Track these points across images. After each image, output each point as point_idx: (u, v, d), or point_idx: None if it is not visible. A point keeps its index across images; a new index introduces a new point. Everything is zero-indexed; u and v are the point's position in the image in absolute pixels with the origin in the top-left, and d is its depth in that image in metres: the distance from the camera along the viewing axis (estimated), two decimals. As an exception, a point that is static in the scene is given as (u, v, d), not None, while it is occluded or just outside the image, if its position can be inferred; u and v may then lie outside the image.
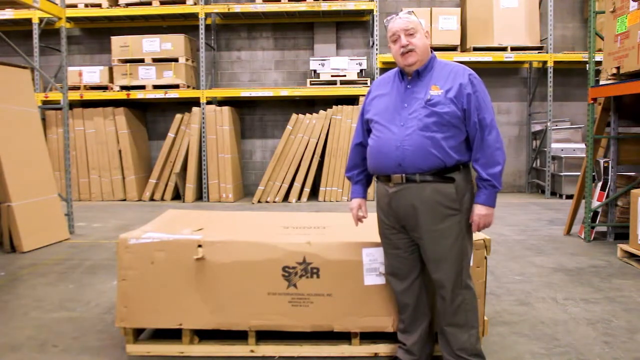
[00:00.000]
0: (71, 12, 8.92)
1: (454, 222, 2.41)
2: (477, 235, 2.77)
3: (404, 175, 2.41)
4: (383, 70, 9.08)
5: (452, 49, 9.00)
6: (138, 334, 2.93)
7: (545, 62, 9.07)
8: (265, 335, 2.88)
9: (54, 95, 8.82)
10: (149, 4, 9.18)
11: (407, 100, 2.44)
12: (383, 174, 2.49)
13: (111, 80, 9.34)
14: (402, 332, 2.69)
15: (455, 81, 2.40)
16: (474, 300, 2.51)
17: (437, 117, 2.35)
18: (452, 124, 2.37)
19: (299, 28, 9.94)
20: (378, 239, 2.81)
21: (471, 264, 2.64)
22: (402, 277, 2.58)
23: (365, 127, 2.63)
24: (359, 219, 2.74)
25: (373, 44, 9.20)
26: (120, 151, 9.19)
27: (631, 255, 4.85)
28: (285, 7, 9.05)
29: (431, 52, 2.51)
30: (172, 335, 2.91)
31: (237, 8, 9.08)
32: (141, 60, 9.14)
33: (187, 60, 9.20)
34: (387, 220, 2.54)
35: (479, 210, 2.42)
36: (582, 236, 5.73)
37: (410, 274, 2.57)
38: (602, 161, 5.63)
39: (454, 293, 2.44)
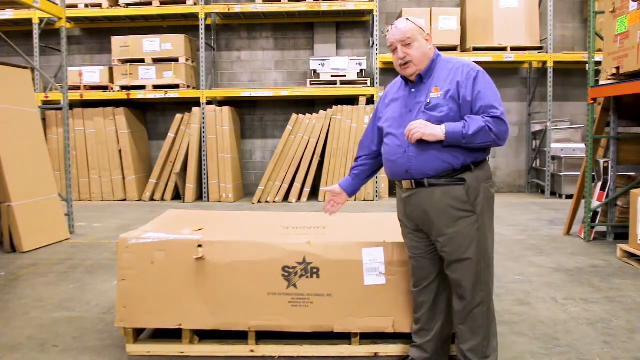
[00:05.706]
0: (71, 12, 8.91)
1: (469, 224, 2.37)
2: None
3: (413, 180, 2.41)
4: (383, 70, 9.09)
5: (452, 49, 8.99)
6: (138, 334, 2.93)
7: (545, 62, 9.06)
8: (265, 335, 2.88)
9: (54, 95, 8.82)
10: (149, 4, 9.17)
11: (411, 106, 2.44)
12: (396, 180, 2.53)
13: (111, 80, 9.34)
14: (416, 332, 2.65)
15: (454, 80, 2.36)
16: (492, 303, 2.47)
17: (436, 121, 2.32)
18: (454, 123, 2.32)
19: (299, 28, 9.94)
20: (378, 239, 2.81)
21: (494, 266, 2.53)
22: (422, 278, 2.57)
23: (379, 134, 2.63)
24: (328, 205, 2.81)
25: (373, 44, 9.19)
26: (120, 151, 9.18)
27: (631, 255, 4.85)
28: (285, 7, 9.04)
29: (435, 51, 2.47)
30: (172, 335, 2.91)
31: (237, 8, 9.07)
32: (141, 61, 9.14)
33: (187, 60, 9.20)
34: (407, 223, 2.56)
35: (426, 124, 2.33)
36: (582, 236, 5.73)
37: (430, 275, 2.56)
38: (602, 161, 5.63)
39: (473, 293, 2.41)
